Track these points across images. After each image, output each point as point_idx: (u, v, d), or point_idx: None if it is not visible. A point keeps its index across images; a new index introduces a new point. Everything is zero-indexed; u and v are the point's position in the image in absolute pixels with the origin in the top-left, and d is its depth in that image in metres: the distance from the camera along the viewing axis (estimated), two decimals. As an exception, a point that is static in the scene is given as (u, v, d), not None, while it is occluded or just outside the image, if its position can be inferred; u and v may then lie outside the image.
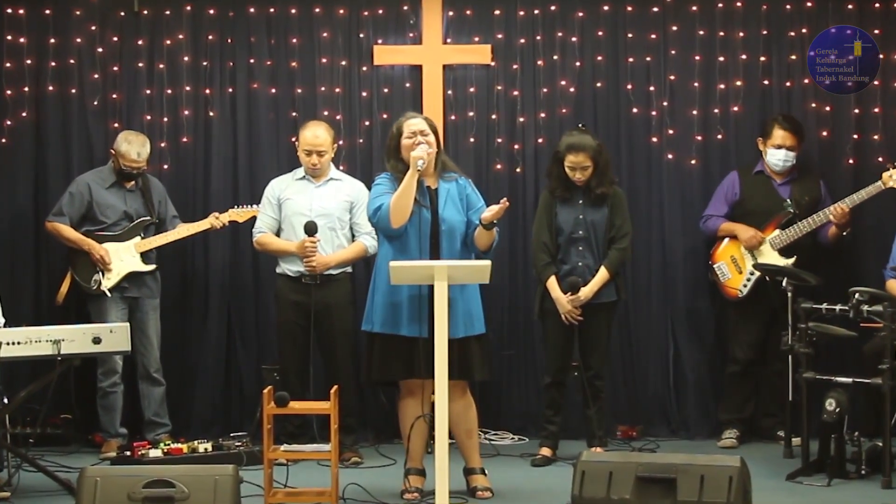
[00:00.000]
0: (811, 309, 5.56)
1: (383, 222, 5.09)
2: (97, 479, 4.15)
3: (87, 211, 6.22)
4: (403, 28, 6.72)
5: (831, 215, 6.07)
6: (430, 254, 5.09)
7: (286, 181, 6.18)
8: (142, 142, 6.22)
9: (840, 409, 5.32)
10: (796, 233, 6.17)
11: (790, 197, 6.26)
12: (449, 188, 5.22)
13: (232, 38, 6.70)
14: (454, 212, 5.18)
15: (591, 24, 6.70)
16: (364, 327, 5.24)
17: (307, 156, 6.06)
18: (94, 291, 6.15)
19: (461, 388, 5.19)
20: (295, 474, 5.30)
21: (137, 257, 6.22)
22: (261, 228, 6.14)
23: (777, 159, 6.27)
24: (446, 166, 5.30)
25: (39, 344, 5.13)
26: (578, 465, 4.28)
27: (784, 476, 5.44)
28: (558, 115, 6.67)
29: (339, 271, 6.07)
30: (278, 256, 6.11)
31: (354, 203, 6.10)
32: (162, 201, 6.37)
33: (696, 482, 4.12)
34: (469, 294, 5.14)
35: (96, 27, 6.63)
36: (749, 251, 6.23)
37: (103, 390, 6.22)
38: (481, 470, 5.26)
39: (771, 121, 6.35)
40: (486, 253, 5.21)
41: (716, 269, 6.34)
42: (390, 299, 5.08)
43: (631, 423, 6.54)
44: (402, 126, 5.24)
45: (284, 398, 5.01)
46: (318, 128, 6.10)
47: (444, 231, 5.14)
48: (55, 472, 5.42)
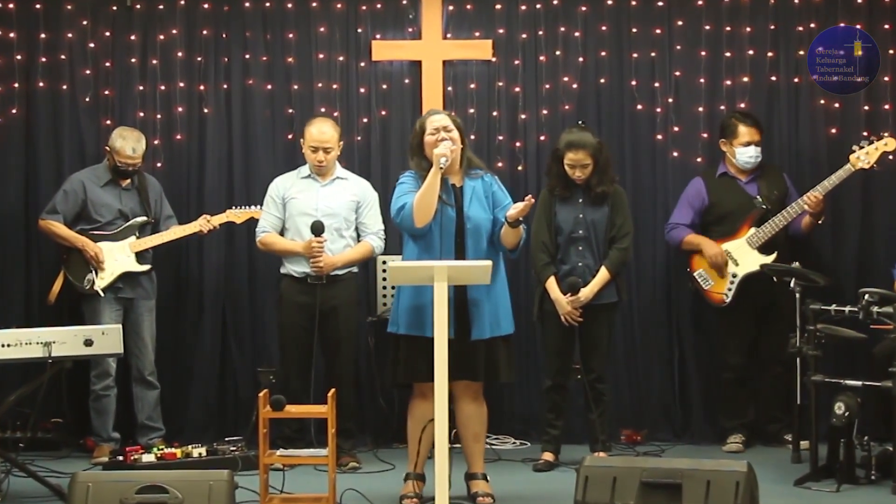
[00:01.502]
0: (819, 310, 5.55)
1: (407, 222, 5.08)
2: (89, 484, 4.15)
3: (82, 209, 6.22)
4: (402, 23, 6.72)
5: (806, 204, 6.07)
6: (454, 253, 5.07)
7: (291, 179, 6.16)
8: (136, 138, 6.22)
9: (849, 412, 5.31)
10: (773, 228, 6.16)
11: (759, 193, 6.26)
12: (474, 185, 5.21)
13: (227, 33, 6.70)
14: (480, 210, 5.17)
15: (594, 18, 6.70)
16: (390, 329, 5.23)
17: (313, 153, 6.04)
18: (87, 291, 6.15)
19: (475, 391, 5.19)
20: (291, 480, 5.31)
21: (132, 257, 6.22)
22: (265, 228, 6.12)
23: (747, 157, 6.27)
24: (472, 163, 5.28)
25: (30, 346, 5.13)
26: (581, 470, 4.27)
27: (792, 481, 5.44)
28: (561, 111, 6.67)
29: (345, 272, 6.06)
30: (283, 257, 6.10)
31: (361, 202, 6.08)
32: (158, 200, 6.37)
33: (702, 488, 4.12)
34: (497, 294, 5.13)
35: (88, 22, 6.63)
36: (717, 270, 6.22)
37: (96, 393, 6.22)
38: (483, 475, 5.26)
39: (730, 120, 6.34)
40: (513, 251, 5.21)
41: (696, 276, 6.32)
42: (416, 301, 5.07)
43: (635, 428, 6.54)
44: (424, 123, 5.22)
45: (280, 402, 5.00)
46: (324, 124, 6.08)
47: (470, 229, 5.12)
48: (46, 477, 5.40)
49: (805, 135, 6.64)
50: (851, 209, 6.56)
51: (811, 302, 5.57)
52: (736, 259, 6.20)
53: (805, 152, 6.63)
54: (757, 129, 6.28)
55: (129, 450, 5.79)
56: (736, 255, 6.21)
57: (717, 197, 6.34)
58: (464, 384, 5.09)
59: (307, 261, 5.95)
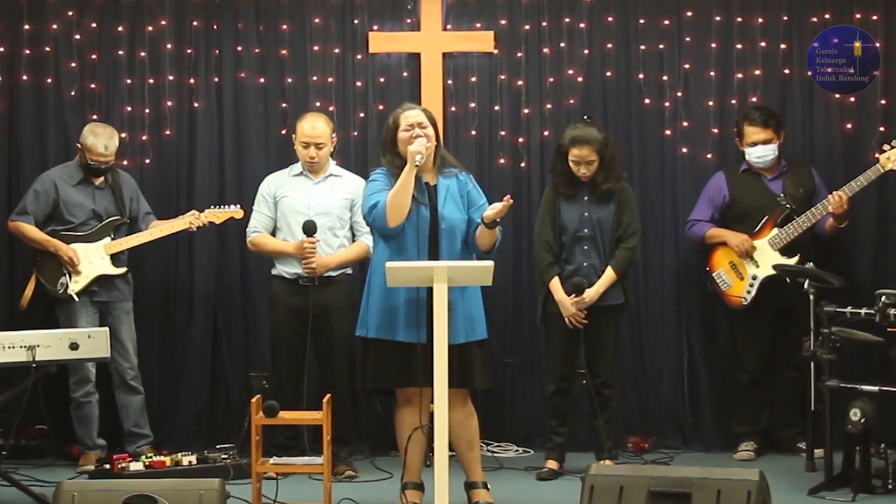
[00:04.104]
0: (834, 313, 5.56)
1: (379, 221, 5.09)
2: (74, 493, 4.15)
3: (53, 210, 6.19)
4: (400, 13, 6.73)
5: (829, 205, 6.06)
6: (428, 254, 5.09)
7: (282, 177, 6.17)
8: (109, 134, 6.19)
9: (865, 419, 5.31)
10: (796, 229, 6.15)
11: (783, 192, 6.26)
12: (449, 184, 5.22)
13: (218, 24, 6.70)
14: (454, 209, 5.18)
15: (600, 9, 6.70)
16: (358, 332, 5.23)
17: (304, 148, 6.05)
18: (60, 295, 6.13)
19: (462, 397, 5.19)
20: (285, 489, 5.31)
21: (107, 259, 6.20)
22: (256, 228, 6.13)
23: (756, 157, 6.27)
24: (446, 161, 5.29)
25: (13, 350, 5.13)
26: (587, 478, 4.27)
27: (806, 490, 5.44)
28: (565, 106, 6.67)
29: (339, 272, 6.07)
30: (274, 258, 6.10)
31: (355, 201, 6.07)
32: (134, 198, 6.35)
33: (712, 497, 4.12)
34: (470, 297, 5.14)
35: (73, 13, 6.63)
36: (746, 258, 6.22)
37: (77, 401, 6.21)
38: (483, 484, 5.26)
39: (740, 119, 6.36)
40: (487, 253, 5.20)
41: (715, 277, 6.33)
42: (386, 303, 5.08)
43: (643, 435, 6.55)
44: (398, 118, 5.23)
45: (274, 408, 5.01)
46: (316, 119, 6.09)
47: (444, 230, 5.13)
48: (30, 486, 5.41)
49: (819, 130, 6.64)
50: (867, 207, 6.55)
51: (826, 304, 5.58)
52: (757, 261, 6.20)
53: (819, 148, 6.63)
54: (764, 127, 6.26)
55: (117, 458, 5.78)
56: (757, 256, 6.21)
57: (738, 193, 6.33)
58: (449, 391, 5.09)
59: (299, 262, 5.96)
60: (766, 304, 6.23)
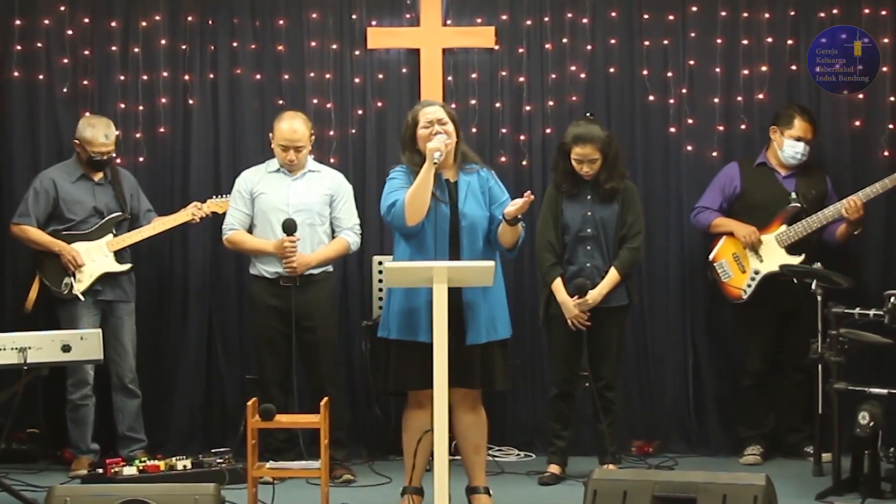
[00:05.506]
0: (842, 314, 5.55)
1: (398, 220, 5.07)
2: (66, 498, 4.15)
3: (54, 209, 6.20)
4: (399, 8, 6.73)
5: (844, 210, 6.05)
6: (448, 252, 5.07)
7: (259, 173, 6.13)
8: (106, 124, 6.20)
9: (874, 422, 5.31)
10: (805, 229, 6.15)
11: (795, 190, 6.26)
12: (469, 181, 5.20)
13: (213, 19, 6.71)
14: (475, 206, 5.16)
15: (603, 4, 6.70)
16: (380, 334, 5.23)
17: (283, 151, 6.01)
18: (65, 296, 6.14)
19: (473, 399, 5.19)
20: (282, 494, 5.31)
21: (110, 256, 6.21)
22: (232, 225, 6.09)
23: (795, 151, 6.26)
24: (467, 157, 5.27)
25: (4, 352, 5.14)
26: (590, 483, 4.27)
27: (814, 495, 5.45)
28: (568, 103, 6.67)
29: (320, 271, 6.04)
30: (252, 256, 6.09)
31: (335, 196, 6.06)
32: (134, 195, 6.36)
33: (717, 502, 4.12)
34: (493, 296, 5.13)
35: (66, 8, 6.64)
36: (751, 250, 6.22)
37: (73, 403, 6.21)
38: (485, 489, 5.26)
39: (790, 109, 6.33)
40: (511, 251, 5.21)
41: (717, 266, 6.32)
42: (407, 304, 5.07)
43: (647, 438, 6.55)
44: (417, 115, 5.20)
45: (270, 411, 5.01)
46: (295, 120, 6.03)
47: (465, 227, 5.12)
48: (21, 491, 5.41)
49: (827, 127, 6.62)
50: (876, 207, 6.54)
51: (834, 305, 5.58)
52: (761, 255, 6.20)
53: (827, 146, 6.62)
54: (813, 126, 6.26)
55: (110, 462, 5.79)
56: (762, 250, 6.20)
57: (750, 185, 6.33)
58: (461, 392, 5.09)
59: (279, 261, 5.93)
60: (770, 304, 6.22)
